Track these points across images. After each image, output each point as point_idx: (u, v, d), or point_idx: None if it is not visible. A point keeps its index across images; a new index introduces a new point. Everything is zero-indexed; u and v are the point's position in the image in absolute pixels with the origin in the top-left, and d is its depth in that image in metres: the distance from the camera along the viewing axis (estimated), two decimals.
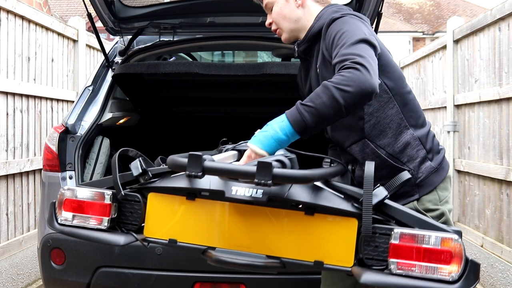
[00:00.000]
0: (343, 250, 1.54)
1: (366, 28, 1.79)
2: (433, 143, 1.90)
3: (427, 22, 25.91)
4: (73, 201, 1.73)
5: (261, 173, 1.41)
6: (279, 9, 1.97)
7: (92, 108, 2.98)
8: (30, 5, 4.08)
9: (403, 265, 1.45)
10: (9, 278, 3.79)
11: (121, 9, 3.05)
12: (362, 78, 1.56)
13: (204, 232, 1.66)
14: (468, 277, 1.41)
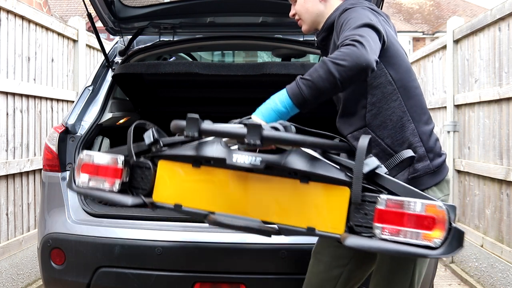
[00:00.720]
0: (335, 217, 1.60)
1: (374, 17, 1.82)
2: (435, 144, 1.89)
3: (427, 22, 25.90)
4: (90, 165, 1.89)
5: (251, 133, 1.52)
6: (303, 2, 2.04)
7: (92, 108, 2.98)
8: (30, 5, 4.08)
9: (387, 230, 1.49)
10: (9, 278, 3.79)
11: (121, 9, 3.05)
12: (358, 53, 1.61)
13: (207, 198, 1.77)
14: (451, 243, 1.44)
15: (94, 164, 1.90)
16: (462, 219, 4.68)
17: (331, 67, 1.61)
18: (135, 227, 2.52)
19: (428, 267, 2.59)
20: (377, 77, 1.84)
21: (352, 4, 1.93)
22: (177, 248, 2.41)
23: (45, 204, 2.74)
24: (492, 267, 3.94)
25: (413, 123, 1.85)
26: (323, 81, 1.63)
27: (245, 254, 2.39)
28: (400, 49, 1.91)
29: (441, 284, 4.42)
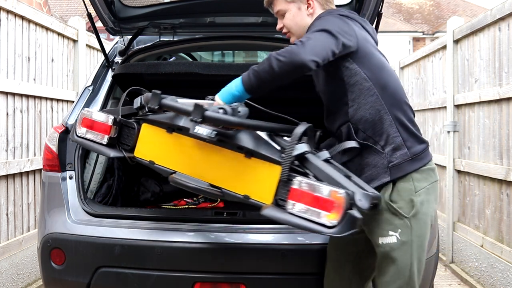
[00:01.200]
0: (266, 189, 1.95)
1: (342, 23, 2.00)
2: (413, 133, 2.04)
3: (427, 22, 25.90)
4: (88, 120, 2.35)
5: (195, 112, 1.87)
6: (291, 17, 2.20)
7: (92, 108, 2.97)
8: (30, 5, 4.08)
9: (296, 206, 1.82)
10: (9, 278, 3.79)
11: (121, 9, 3.05)
12: (295, 52, 1.86)
13: (174, 159, 2.20)
14: (343, 226, 1.74)
15: (91, 119, 2.35)
16: (462, 219, 4.68)
17: (273, 62, 1.87)
18: (135, 227, 2.51)
19: (428, 267, 2.59)
20: (352, 75, 2.03)
21: (328, 12, 2.13)
22: (177, 248, 2.41)
23: (45, 204, 2.73)
24: (492, 267, 3.94)
25: (390, 115, 2.02)
26: (265, 73, 1.90)
27: (245, 254, 2.39)
28: (372, 49, 2.08)
29: (441, 284, 4.42)
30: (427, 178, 2.05)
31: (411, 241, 2.01)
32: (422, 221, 2.04)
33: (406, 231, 2.01)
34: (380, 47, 2.26)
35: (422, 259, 2.07)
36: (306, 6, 2.20)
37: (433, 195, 2.08)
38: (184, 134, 2.14)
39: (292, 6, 2.20)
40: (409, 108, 2.11)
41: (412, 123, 2.09)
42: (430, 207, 2.06)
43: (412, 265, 2.03)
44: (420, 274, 2.07)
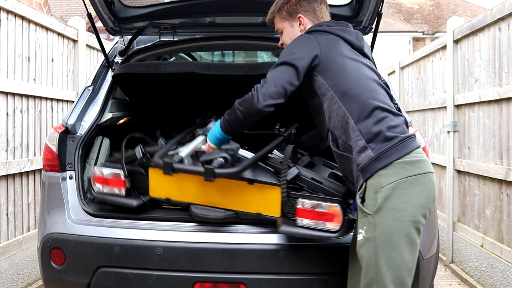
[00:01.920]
0: (273, 206, 2.45)
1: (303, 45, 2.22)
2: (377, 135, 2.08)
3: (427, 22, 25.90)
4: (101, 178, 2.64)
5: (207, 175, 2.33)
6: (287, 34, 2.44)
7: (92, 108, 2.97)
8: (30, 5, 4.08)
9: (303, 221, 2.32)
10: (9, 278, 3.79)
11: (121, 9, 3.05)
12: (251, 102, 2.18)
13: (187, 193, 2.56)
14: (343, 229, 2.28)
15: (104, 177, 2.63)
16: (462, 219, 4.68)
17: (237, 111, 2.22)
18: (135, 227, 2.51)
19: (428, 267, 2.60)
20: (320, 86, 2.23)
21: (307, 31, 2.34)
22: (177, 248, 2.41)
23: (45, 204, 2.73)
24: (492, 267, 3.94)
25: (352, 120, 2.13)
26: (234, 121, 2.27)
27: (245, 254, 2.39)
28: (338, 57, 2.22)
29: (441, 284, 4.42)
30: (398, 173, 2.04)
31: (374, 237, 2.04)
32: (388, 216, 2.03)
33: (369, 227, 2.06)
34: (380, 47, 2.28)
35: (393, 255, 2.03)
36: (298, 23, 2.41)
37: (410, 188, 2.04)
38: None
39: (286, 25, 2.43)
40: (374, 110, 2.13)
41: (377, 124, 2.10)
42: (403, 201, 2.03)
43: (377, 261, 2.03)
44: (395, 270, 2.03)
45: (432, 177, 2.12)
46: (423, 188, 2.07)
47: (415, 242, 2.06)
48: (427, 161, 2.14)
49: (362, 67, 2.24)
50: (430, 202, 2.10)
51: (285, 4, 2.43)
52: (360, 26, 3.05)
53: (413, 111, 6.22)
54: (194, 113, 4.04)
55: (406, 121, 2.22)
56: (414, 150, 2.11)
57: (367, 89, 2.18)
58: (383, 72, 3.17)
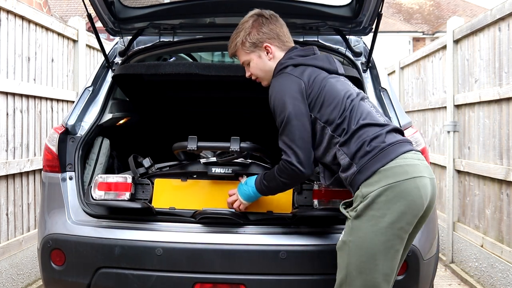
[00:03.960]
0: (285, 203, 2.54)
1: (293, 91, 2.23)
2: (357, 150, 2.14)
3: (427, 22, 25.89)
4: (104, 184, 2.61)
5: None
6: (255, 65, 2.43)
7: (92, 108, 2.97)
8: (30, 5, 4.08)
9: (320, 202, 2.48)
10: (9, 278, 3.79)
11: (121, 9, 3.04)
12: (296, 178, 2.27)
13: (193, 200, 2.59)
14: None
15: (107, 183, 2.61)
16: (462, 219, 4.68)
17: (281, 184, 2.28)
18: (135, 228, 2.52)
19: (428, 267, 2.60)
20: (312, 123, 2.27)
21: (280, 70, 2.35)
22: (177, 249, 2.41)
23: (45, 204, 2.73)
24: (492, 267, 3.94)
25: (337, 144, 2.20)
26: (275, 186, 2.32)
27: (245, 255, 2.39)
28: (326, 87, 2.25)
29: (441, 284, 4.42)
30: (380, 181, 2.07)
31: (349, 240, 2.10)
32: (366, 222, 2.06)
33: (347, 231, 2.13)
34: (380, 47, 2.29)
35: (366, 259, 2.06)
36: (266, 52, 2.39)
37: (392, 195, 2.06)
38: (200, 178, 2.62)
39: (253, 56, 2.40)
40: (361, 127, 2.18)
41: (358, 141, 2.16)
42: (383, 208, 2.06)
43: (348, 264, 2.09)
44: (366, 275, 2.06)
45: (417, 182, 2.09)
46: (406, 194, 2.07)
47: (393, 248, 2.08)
48: (414, 166, 2.12)
49: (339, 90, 2.27)
50: (414, 207, 2.08)
51: (247, 36, 2.38)
52: (360, 27, 3.05)
53: (413, 111, 6.22)
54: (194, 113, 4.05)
55: (394, 128, 2.22)
56: (399, 156, 2.12)
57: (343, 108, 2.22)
58: (383, 72, 3.17)
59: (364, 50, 3.25)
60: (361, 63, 3.16)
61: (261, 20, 2.40)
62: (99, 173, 2.94)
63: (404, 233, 2.10)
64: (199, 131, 4.19)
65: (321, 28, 3.15)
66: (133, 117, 3.52)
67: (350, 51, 3.20)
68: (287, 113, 2.21)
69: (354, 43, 3.29)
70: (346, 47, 3.19)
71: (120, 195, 2.59)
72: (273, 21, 2.42)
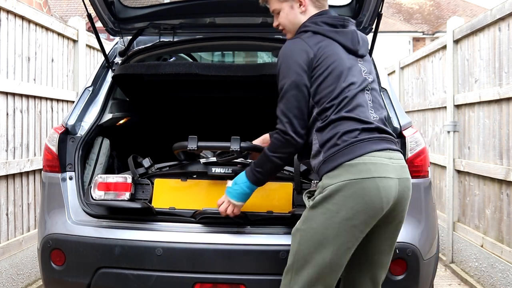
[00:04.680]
0: (284, 203, 2.55)
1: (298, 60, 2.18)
2: (327, 140, 2.12)
3: (427, 22, 25.89)
4: (104, 184, 2.61)
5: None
6: (285, 15, 2.32)
7: (92, 108, 2.97)
8: (30, 5, 4.08)
9: None
10: (9, 278, 3.79)
11: (121, 9, 3.04)
12: (291, 148, 2.19)
13: (193, 200, 2.59)
14: None
15: (107, 183, 2.61)
16: (462, 219, 4.68)
17: (276, 161, 2.21)
18: (135, 228, 2.52)
19: (428, 267, 2.60)
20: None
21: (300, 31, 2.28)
22: (177, 249, 2.41)
23: (45, 204, 2.73)
24: (492, 267, 3.94)
25: (315, 127, 2.18)
26: (270, 168, 2.25)
27: (245, 255, 2.40)
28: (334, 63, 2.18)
29: (441, 284, 4.42)
30: (341, 175, 2.06)
31: (302, 229, 2.12)
32: (320, 215, 2.06)
33: (302, 219, 2.15)
34: (380, 47, 2.28)
35: (313, 251, 2.06)
36: (299, 4, 2.29)
37: (351, 192, 2.04)
38: (199, 178, 2.64)
39: (285, 5, 2.30)
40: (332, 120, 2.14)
41: (331, 130, 2.13)
42: (339, 203, 2.05)
43: (297, 251, 2.11)
44: (313, 266, 2.06)
45: (378, 182, 2.05)
46: (365, 193, 2.04)
47: (344, 245, 2.06)
48: (381, 165, 2.08)
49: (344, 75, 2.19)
50: (371, 208, 2.05)
51: None
52: (360, 27, 3.05)
53: (413, 111, 6.22)
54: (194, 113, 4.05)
55: (377, 127, 2.17)
56: (367, 153, 2.08)
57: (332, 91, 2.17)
58: (383, 72, 3.17)
59: None
60: None
61: None
62: (99, 173, 2.94)
63: (359, 232, 2.07)
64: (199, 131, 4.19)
65: None
66: (133, 117, 3.52)
67: None
68: (289, 81, 2.17)
69: None
70: None
71: (120, 195, 2.58)
72: None
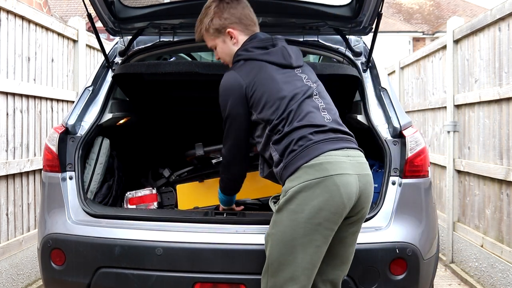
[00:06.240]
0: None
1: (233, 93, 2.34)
2: (285, 148, 2.20)
3: (427, 22, 25.89)
4: (135, 198, 3.05)
5: None
6: (221, 49, 2.49)
7: (92, 108, 2.97)
8: (30, 5, 4.08)
9: None
10: (9, 278, 3.79)
11: (121, 9, 3.04)
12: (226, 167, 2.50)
13: (212, 198, 2.83)
14: None
15: (136, 197, 3.05)
16: (462, 219, 4.68)
17: (224, 179, 2.55)
18: (135, 227, 2.51)
19: (428, 267, 2.59)
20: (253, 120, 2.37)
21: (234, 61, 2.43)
22: (177, 249, 2.41)
23: (45, 204, 2.73)
24: (492, 267, 3.94)
25: (272, 141, 2.27)
26: (225, 184, 2.58)
27: (245, 254, 2.40)
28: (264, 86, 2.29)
29: (441, 284, 4.42)
30: (301, 177, 2.12)
31: (272, 233, 2.18)
32: (286, 217, 2.12)
33: (271, 224, 2.21)
34: (380, 47, 2.28)
35: (285, 252, 2.11)
36: (230, 37, 2.43)
37: (311, 191, 2.09)
38: (214, 177, 2.96)
39: (218, 41, 2.46)
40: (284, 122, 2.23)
41: (287, 140, 2.20)
42: (302, 203, 2.10)
43: (270, 255, 2.17)
44: (286, 266, 2.11)
45: (336, 179, 2.10)
46: (324, 191, 2.09)
47: (312, 243, 2.10)
48: (337, 163, 2.13)
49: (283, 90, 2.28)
50: (333, 205, 2.09)
51: (210, 22, 2.42)
52: (360, 27, 3.05)
53: (413, 111, 6.22)
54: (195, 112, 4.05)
55: (331, 128, 2.22)
56: (323, 153, 2.13)
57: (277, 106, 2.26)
58: (382, 72, 3.17)
59: (364, 50, 3.25)
60: (361, 63, 3.16)
61: (222, 5, 2.42)
62: (99, 173, 2.94)
63: (325, 229, 2.11)
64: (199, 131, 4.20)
65: (321, 28, 3.15)
66: (133, 117, 3.52)
67: (350, 51, 3.20)
68: (226, 113, 2.37)
69: (354, 43, 3.29)
70: (346, 47, 3.19)
71: (150, 206, 3.00)
72: (234, 4, 2.43)
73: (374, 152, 2.86)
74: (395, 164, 2.62)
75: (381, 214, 2.54)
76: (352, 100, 3.30)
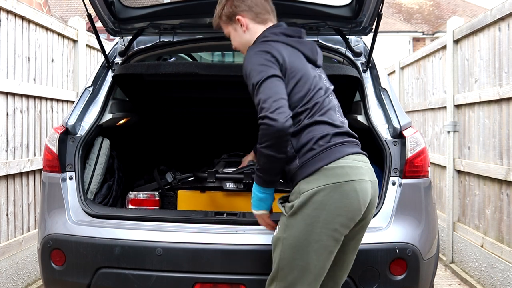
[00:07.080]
0: None
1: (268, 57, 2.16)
2: (304, 145, 2.11)
3: (427, 22, 25.89)
4: (136, 200, 3.08)
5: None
6: (233, 37, 2.44)
7: (92, 108, 2.97)
8: (30, 5, 4.08)
9: None
10: (9, 278, 3.79)
11: (121, 9, 3.04)
12: (271, 131, 2.02)
13: (213, 208, 2.92)
14: None
15: (139, 199, 3.09)
16: (462, 219, 4.68)
17: (265, 152, 2.06)
18: (135, 228, 2.51)
19: (428, 267, 2.60)
20: None
21: (261, 42, 2.28)
22: (177, 249, 2.41)
23: (45, 205, 2.73)
24: (492, 267, 3.94)
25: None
26: (267, 163, 2.10)
27: (245, 255, 2.39)
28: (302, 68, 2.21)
29: (441, 284, 4.42)
30: (319, 180, 2.06)
31: (283, 237, 2.10)
32: (301, 221, 2.06)
33: (282, 227, 2.12)
34: (380, 47, 2.27)
35: (297, 257, 2.07)
36: (240, 25, 2.38)
37: (329, 196, 2.05)
38: (216, 190, 3.00)
39: (230, 29, 2.43)
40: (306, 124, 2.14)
41: (304, 136, 2.12)
42: (319, 208, 2.05)
43: (281, 260, 2.10)
44: (298, 272, 2.07)
45: (356, 185, 2.07)
46: (343, 197, 2.06)
47: (326, 249, 2.08)
48: (357, 168, 2.10)
49: (313, 81, 2.22)
50: (351, 211, 2.07)
51: (222, 9, 2.42)
52: (360, 27, 3.05)
53: (413, 111, 6.22)
54: (194, 113, 4.05)
55: (346, 131, 2.19)
56: (343, 157, 2.10)
57: (302, 97, 2.17)
58: (383, 72, 3.17)
59: (364, 50, 3.25)
60: (361, 63, 3.17)
61: None
62: (99, 173, 2.94)
63: (339, 235, 2.08)
64: (199, 131, 4.20)
65: (321, 28, 3.16)
66: (133, 118, 3.52)
67: (350, 51, 3.20)
68: (266, 74, 2.11)
69: (354, 43, 3.29)
70: (346, 47, 3.19)
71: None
72: None
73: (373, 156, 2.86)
74: (395, 165, 2.62)
75: (381, 215, 2.54)
76: (352, 100, 3.31)
